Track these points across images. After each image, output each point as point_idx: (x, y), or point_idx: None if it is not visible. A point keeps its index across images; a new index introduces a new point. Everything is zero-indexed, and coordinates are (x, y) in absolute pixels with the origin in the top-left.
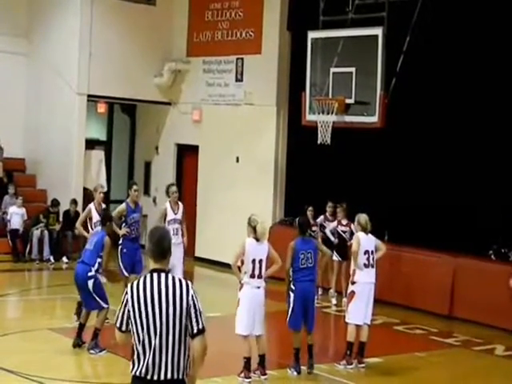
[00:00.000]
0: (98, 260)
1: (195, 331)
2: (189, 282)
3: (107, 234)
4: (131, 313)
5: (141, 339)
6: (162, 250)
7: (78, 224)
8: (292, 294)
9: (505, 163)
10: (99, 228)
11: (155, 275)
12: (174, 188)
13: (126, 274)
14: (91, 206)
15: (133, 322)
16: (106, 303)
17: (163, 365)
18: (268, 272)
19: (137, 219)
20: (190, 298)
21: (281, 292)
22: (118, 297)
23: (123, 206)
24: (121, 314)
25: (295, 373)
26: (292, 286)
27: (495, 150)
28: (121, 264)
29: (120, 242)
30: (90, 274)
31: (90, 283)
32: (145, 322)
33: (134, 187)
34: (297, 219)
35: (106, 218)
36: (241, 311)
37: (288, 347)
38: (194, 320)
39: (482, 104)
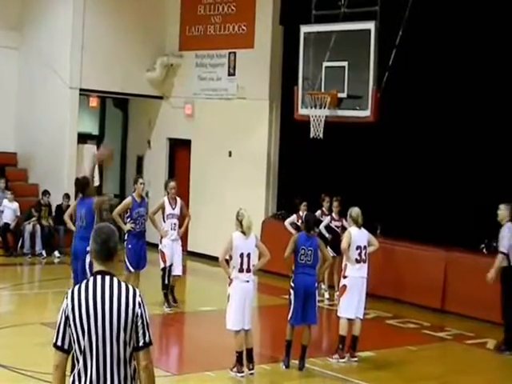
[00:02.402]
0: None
1: (141, 344)
2: (136, 290)
3: (91, 195)
4: (70, 321)
5: (82, 351)
6: (108, 251)
7: (66, 216)
8: (292, 291)
9: (496, 157)
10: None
11: (99, 278)
12: (173, 183)
13: (131, 269)
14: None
15: (73, 331)
16: None
17: (109, 380)
18: (257, 265)
19: (142, 213)
20: (136, 306)
21: (272, 286)
22: None
23: (129, 199)
24: (58, 326)
25: (284, 367)
26: (292, 283)
27: (487, 144)
28: (126, 260)
29: (125, 237)
30: (88, 248)
31: (87, 259)
32: (86, 332)
33: (141, 180)
34: (305, 214)
35: (83, 185)
36: (231, 307)
37: (281, 341)
38: (140, 332)
39: (476, 98)
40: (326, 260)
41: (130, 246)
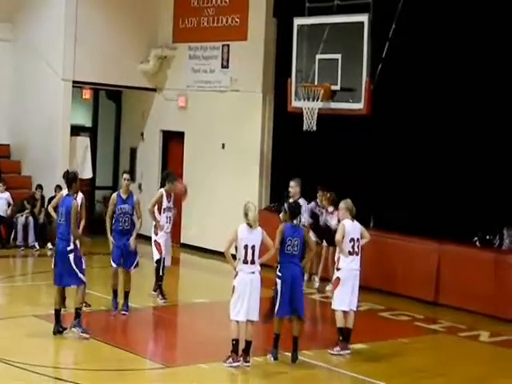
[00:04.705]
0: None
1: None
2: None
3: (76, 192)
4: None
5: None
6: None
7: (50, 207)
8: (279, 281)
9: (489, 149)
10: (64, 191)
11: None
12: (173, 177)
13: (114, 265)
14: (64, 192)
15: None
16: (84, 278)
17: None
18: (262, 259)
19: (126, 210)
20: None
21: (265, 277)
22: (100, 283)
23: (114, 195)
24: None
25: (272, 359)
26: (278, 273)
27: (480, 136)
28: (111, 256)
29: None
30: (69, 248)
31: (71, 257)
32: None
33: (124, 175)
34: (286, 204)
35: (70, 180)
36: (236, 298)
37: (273, 333)
38: None
39: (468, 91)
40: (310, 250)
41: (114, 242)
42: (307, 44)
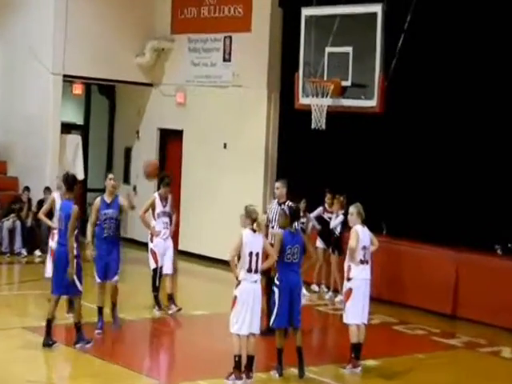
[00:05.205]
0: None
1: None
2: None
3: (74, 197)
4: None
5: None
6: None
7: (41, 214)
8: (277, 290)
9: (509, 151)
10: (55, 194)
11: None
12: (168, 180)
13: (98, 280)
14: (55, 195)
15: None
16: (81, 288)
17: None
18: (262, 266)
19: (111, 215)
20: None
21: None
22: (92, 293)
23: (97, 200)
24: None
25: (277, 375)
26: (276, 281)
27: (499, 138)
28: (94, 268)
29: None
30: (70, 256)
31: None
32: None
33: (109, 176)
34: (287, 207)
35: (72, 182)
36: (239, 309)
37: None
38: None
39: (488, 88)
40: (310, 256)
41: (97, 253)
42: (316, 36)
